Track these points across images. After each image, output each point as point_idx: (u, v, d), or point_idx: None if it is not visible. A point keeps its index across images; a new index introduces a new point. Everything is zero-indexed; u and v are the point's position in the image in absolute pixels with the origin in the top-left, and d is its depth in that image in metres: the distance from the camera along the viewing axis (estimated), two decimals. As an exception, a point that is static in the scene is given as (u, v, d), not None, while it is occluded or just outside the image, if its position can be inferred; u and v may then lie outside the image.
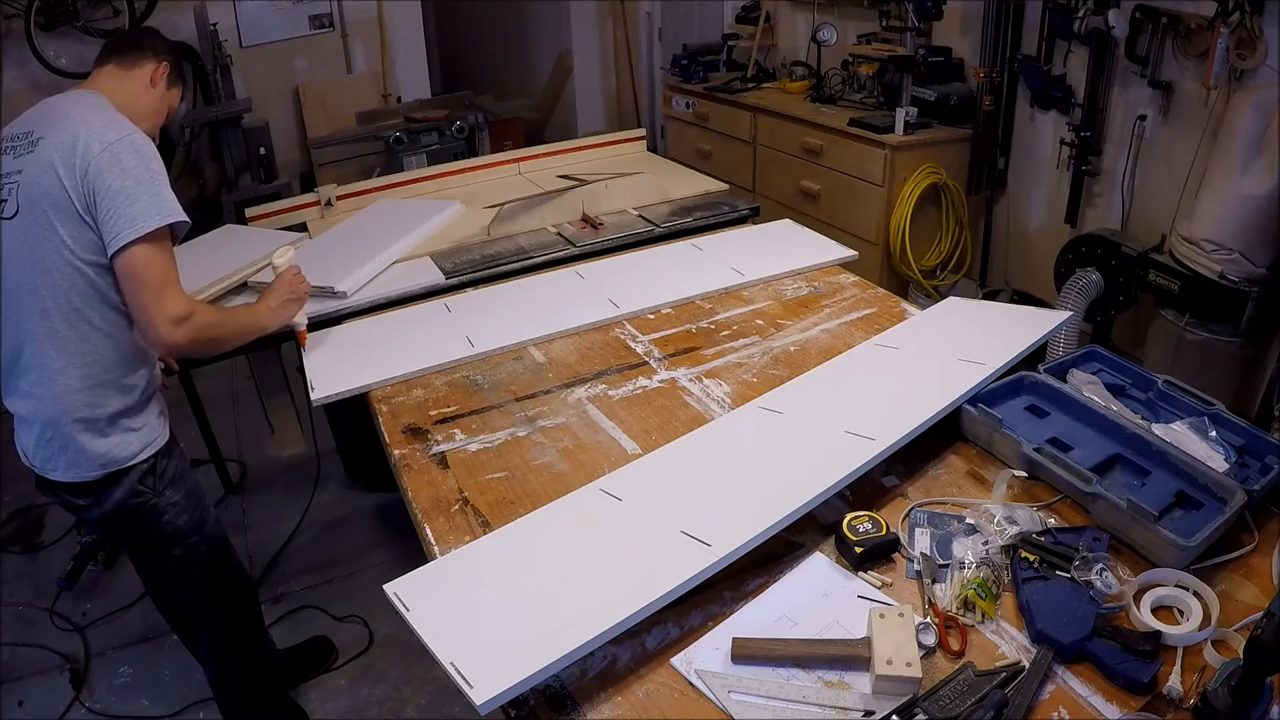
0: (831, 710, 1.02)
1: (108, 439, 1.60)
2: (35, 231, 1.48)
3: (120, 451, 1.62)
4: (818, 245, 2.34)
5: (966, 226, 3.70)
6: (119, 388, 1.60)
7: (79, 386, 1.55)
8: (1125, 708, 1.00)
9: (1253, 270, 2.57)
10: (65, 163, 1.46)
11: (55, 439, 1.58)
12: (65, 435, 1.57)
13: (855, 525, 1.24)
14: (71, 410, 1.56)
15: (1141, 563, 1.20)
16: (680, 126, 4.71)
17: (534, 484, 1.43)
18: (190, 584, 1.82)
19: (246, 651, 2.00)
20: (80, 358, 1.55)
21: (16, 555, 2.88)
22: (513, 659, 1.02)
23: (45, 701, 2.31)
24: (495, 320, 1.97)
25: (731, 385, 1.69)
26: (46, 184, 1.46)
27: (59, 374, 1.54)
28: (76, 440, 1.57)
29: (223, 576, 1.87)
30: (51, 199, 1.46)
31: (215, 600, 1.87)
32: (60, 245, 1.48)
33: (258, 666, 2.04)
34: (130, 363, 1.61)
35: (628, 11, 5.72)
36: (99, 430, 1.59)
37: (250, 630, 2.01)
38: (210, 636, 1.93)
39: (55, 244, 1.48)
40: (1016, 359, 1.61)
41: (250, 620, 2.01)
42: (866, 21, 4.04)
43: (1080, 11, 3.02)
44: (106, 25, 4.24)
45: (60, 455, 1.59)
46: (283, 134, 4.82)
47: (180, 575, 1.81)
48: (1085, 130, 3.17)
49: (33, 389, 1.56)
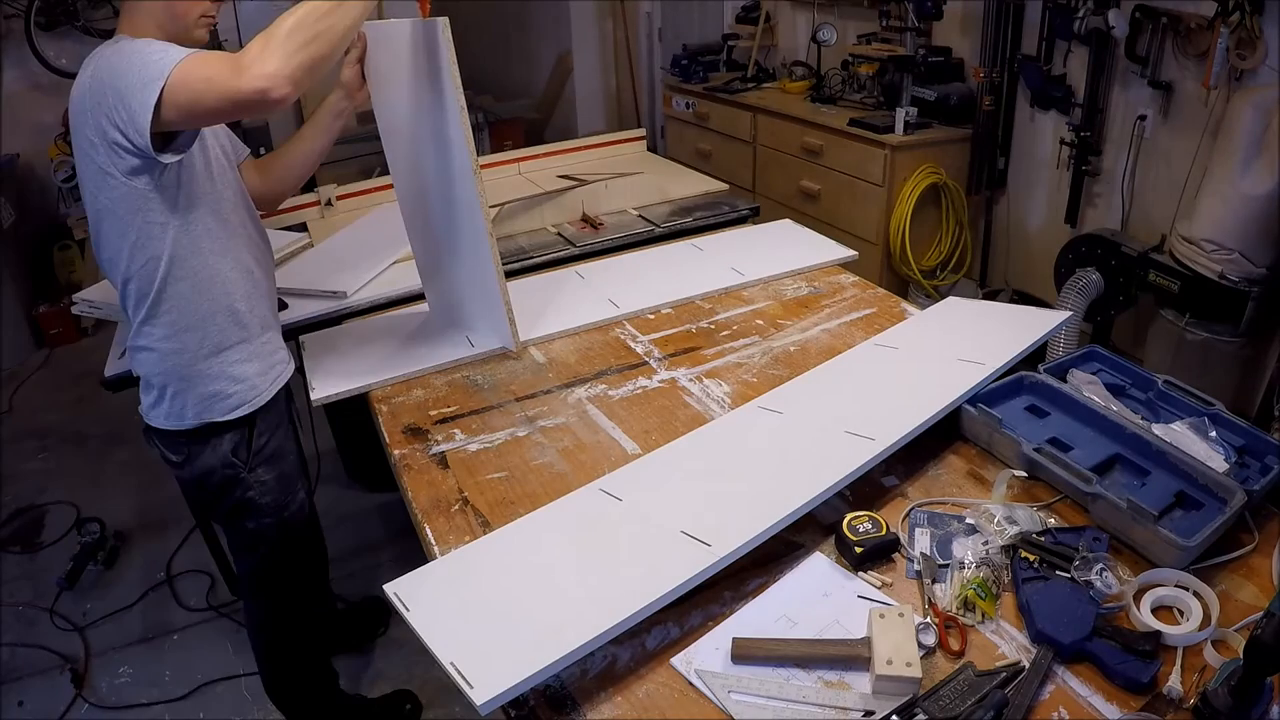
0: (831, 710, 1.02)
1: (206, 385, 1.57)
2: (94, 184, 1.41)
3: (214, 404, 1.58)
4: (818, 245, 2.34)
5: (966, 226, 3.70)
6: (205, 325, 1.55)
7: (167, 329, 1.52)
8: (1125, 708, 1.00)
9: (1253, 270, 2.57)
10: (77, 125, 1.40)
11: (153, 380, 1.57)
12: (164, 376, 1.56)
13: (855, 525, 1.24)
14: (168, 354, 1.54)
15: (1141, 563, 1.20)
16: (680, 126, 4.71)
17: (534, 484, 1.43)
18: (250, 557, 1.81)
19: (288, 635, 1.96)
20: (164, 302, 1.51)
21: (16, 555, 2.88)
22: (513, 659, 1.02)
23: (45, 701, 2.31)
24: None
25: (731, 385, 1.69)
26: (83, 145, 1.40)
27: (151, 315, 1.51)
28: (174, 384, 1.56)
29: (285, 561, 1.83)
30: (89, 158, 1.39)
31: (270, 581, 1.85)
32: (117, 183, 1.39)
33: (298, 650, 2.00)
34: (220, 299, 1.56)
35: (628, 11, 5.71)
36: (193, 373, 1.56)
37: (300, 616, 1.96)
38: (254, 609, 1.93)
39: (113, 184, 1.40)
40: (1016, 359, 1.61)
41: (305, 608, 1.98)
42: (866, 21, 4.04)
43: (1080, 11, 3.02)
44: (106, 25, 4.24)
45: (159, 400, 1.58)
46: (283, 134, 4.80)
47: (244, 546, 1.80)
48: (1085, 130, 3.17)
49: (134, 325, 1.54)
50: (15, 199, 4.20)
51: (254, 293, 1.63)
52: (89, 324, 4.42)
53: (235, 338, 1.60)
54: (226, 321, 1.58)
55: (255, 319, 1.63)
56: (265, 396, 1.67)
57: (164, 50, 1.32)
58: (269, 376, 1.68)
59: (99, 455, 3.39)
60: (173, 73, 1.29)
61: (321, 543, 2.09)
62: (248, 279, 1.61)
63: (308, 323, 2.06)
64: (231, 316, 1.59)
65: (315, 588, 2.08)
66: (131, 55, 1.32)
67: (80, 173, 1.44)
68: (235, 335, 1.60)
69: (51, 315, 4.32)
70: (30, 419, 3.72)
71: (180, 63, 1.29)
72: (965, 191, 3.65)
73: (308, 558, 1.98)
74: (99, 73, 1.35)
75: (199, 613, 2.58)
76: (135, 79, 1.30)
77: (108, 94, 1.33)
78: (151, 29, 1.44)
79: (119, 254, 1.48)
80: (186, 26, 1.50)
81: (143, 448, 1.72)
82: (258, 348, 1.65)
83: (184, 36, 1.48)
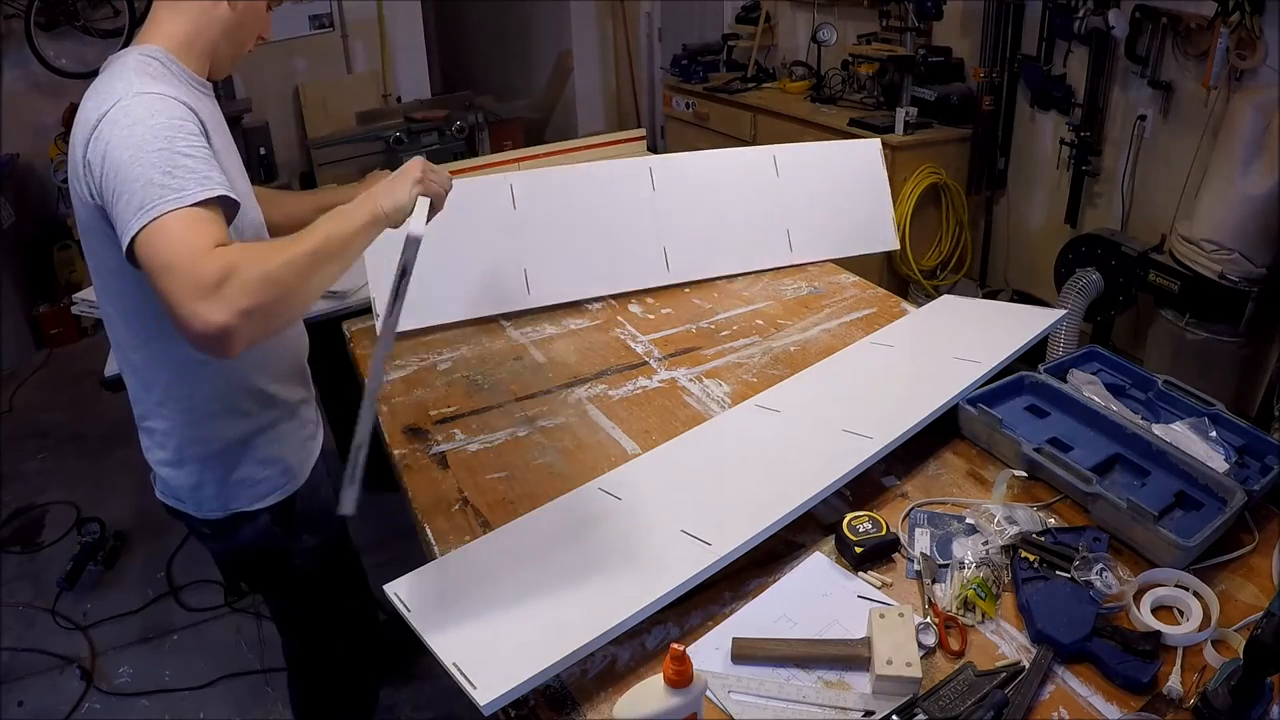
0: (831, 710, 1.02)
1: (230, 474, 1.36)
2: (86, 240, 1.22)
3: (242, 492, 1.37)
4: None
5: (966, 226, 3.70)
6: (231, 413, 1.34)
7: (184, 415, 1.32)
8: (1125, 708, 1.00)
9: (1253, 270, 2.57)
10: (71, 172, 1.18)
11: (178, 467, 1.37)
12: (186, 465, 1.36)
13: (855, 525, 1.24)
14: (187, 442, 1.34)
15: (1141, 563, 1.20)
16: (680, 126, 4.71)
17: (534, 484, 1.42)
18: (287, 599, 1.61)
19: (329, 670, 1.75)
20: (176, 386, 1.29)
21: (16, 555, 2.88)
22: (515, 659, 1.02)
23: (45, 701, 2.31)
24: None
25: (731, 385, 1.69)
26: (76, 187, 1.18)
27: (167, 398, 1.31)
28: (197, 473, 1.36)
29: (326, 596, 1.60)
30: (81, 200, 1.17)
31: (309, 617, 1.63)
32: (105, 246, 1.16)
33: (339, 686, 1.78)
34: (242, 383, 1.34)
35: (628, 11, 5.72)
36: (218, 462, 1.35)
37: (342, 649, 1.73)
38: (290, 644, 1.74)
39: (102, 265, 1.21)
40: (1013, 357, 1.61)
41: (347, 637, 1.73)
42: (866, 21, 4.04)
43: (1080, 11, 3.02)
44: (106, 25, 4.25)
45: (185, 490, 1.38)
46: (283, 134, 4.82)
47: (288, 620, 1.65)
48: (1085, 130, 3.18)
49: (148, 413, 1.35)
50: (15, 199, 4.20)
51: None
52: (89, 324, 4.41)
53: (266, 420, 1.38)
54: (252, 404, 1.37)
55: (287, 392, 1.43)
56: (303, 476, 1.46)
57: (168, 164, 1.05)
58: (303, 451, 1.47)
59: (99, 455, 3.38)
60: (152, 227, 1.02)
61: (355, 556, 1.79)
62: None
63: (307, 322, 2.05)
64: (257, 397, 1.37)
65: (358, 608, 1.79)
66: (136, 145, 1.06)
67: (79, 221, 1.21)
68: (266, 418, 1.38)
69: (51, 315, 4.32)
70: (30, 419, 3.72)
71: (167, 217, 1.02)
72: (965, 191, 3.65)
73: (348, 579, 1.72)
74: (103, 138, 1.08)
75: (199, 612, 2.58)
76: (127, 189, 1.05)
77: (106, 177, 1.08)
78: (203, 41, 1.25)
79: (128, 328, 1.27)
80: (254, 35, 1.32)
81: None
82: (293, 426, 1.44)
83: (241, 41, 1.30)
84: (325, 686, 1.78)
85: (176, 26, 1.23)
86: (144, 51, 1.19)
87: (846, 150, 2.32)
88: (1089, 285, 2.97)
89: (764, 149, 2.20)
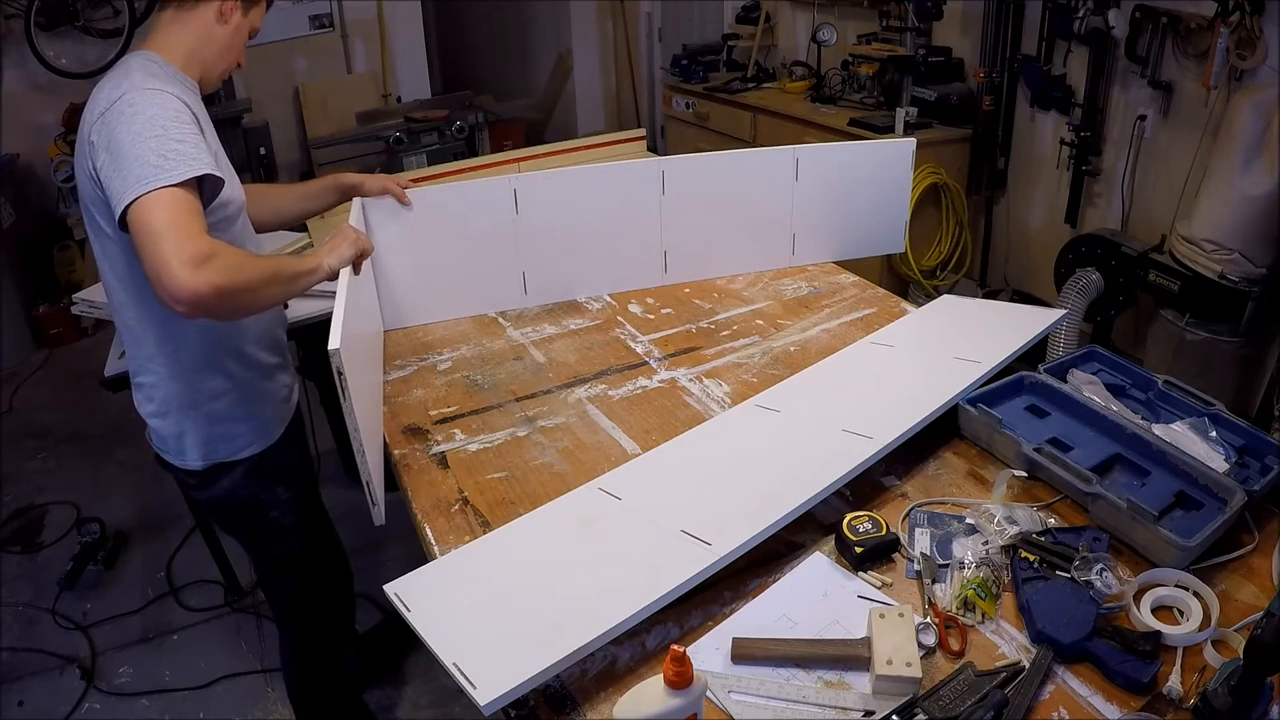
0: (831, 710, 1.02)
1: (211, 427, 1.53)
2: (87, 210, 1.39)
3: (221, 445, 1.55)
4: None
5: (966, 226, 3.70)
6: (212, 369, 1.51)
7: (169, 369, 1.48)
8: (1125, 708, 1.00)
9: (1253, 270, 2.57)
10: (78, 150, 1.36)
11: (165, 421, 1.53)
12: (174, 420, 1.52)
13: (855, 525, 1.24)
14: (172, 394, 1.51)
15: (1141, 563, 1.20)
16: (680, 126, 4.71)
17: (534, 484, 1.42)
18: (284, 583, 1.79)
19: (324, 658, 1.93)
20: (164, 342, 1.46)
21: (16, 555, 2.88)
22: (515, 659, 1.02)
23: (45, 701, 2.31)
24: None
25: (731, 385, 1.69)
26: (81, 163, 1.36)
27: (156, 354, 1.47)
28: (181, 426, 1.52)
29: (319, 584, 1.82)
30: (84, 175, 1.35)
31: (304, 607, 1.83)
32: (103, 215, 1.35)
33: (333, 672, 1.97)
34: (224, 343, 1.52)
35: (628, 11, 5.72)
36: (200, 414, 1.52)
37: (332, 636, 1.94)
38: (290, 636, 1.89)
39: (100, 232, 1.38)
40: (1012, 356, 1.61)
41: (336, 626, 1.95)
42: (866, 21, 4.04)
43: (1080, 11, 3.02)
44: (106, 25, 4.25)
45: (170, 439, 1.55)
46: (283, 134, 4.83)
47: (276, 574, 1.78)
48: (1085, 130, 3.17)
49: (139, 368, 1.52)
50: (15, 199, 4.21)
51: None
52: (89, 324, 4.41)
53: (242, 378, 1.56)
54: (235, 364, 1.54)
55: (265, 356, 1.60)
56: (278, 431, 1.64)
57: (162, 148, 1.25)
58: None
59: (99, 455, 3.39)
60: (146, 197, 1.21)
61: (347, 564, 2.01)
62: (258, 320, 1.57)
63: (308, 322, 2.06)
64: (240, 359, 1.55)
65: (345, 612, 2.03)
66: (136, 132, 1.26)
67: (81, 194, 1.39)
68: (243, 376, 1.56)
69: (51, 315, 4.32)
70: (30, 419, 3.72)
71: (159, 191, 1.22)
72: (965, 191, 3.65)
73: (338, 578, 1.95)
74: (109, 123, 1.28)
75: (199, 612, 2.59)
76: (126, 166, 1.24)
77: (109, 155, 1.27)
78: (205, 54, 1.45)
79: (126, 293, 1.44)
80: (242, 49, 1.53)
81: (143, 448, 1.72)
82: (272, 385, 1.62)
83: (231, 56, 1.51)
84: (322, 679, 1.91)
85: (179, 41, 1.43)
86: (147, 56, 1.40)
87: (880, 150, 2.22)
88: (1089, 285, 2.97)
89: (786, 149, 2.12)
